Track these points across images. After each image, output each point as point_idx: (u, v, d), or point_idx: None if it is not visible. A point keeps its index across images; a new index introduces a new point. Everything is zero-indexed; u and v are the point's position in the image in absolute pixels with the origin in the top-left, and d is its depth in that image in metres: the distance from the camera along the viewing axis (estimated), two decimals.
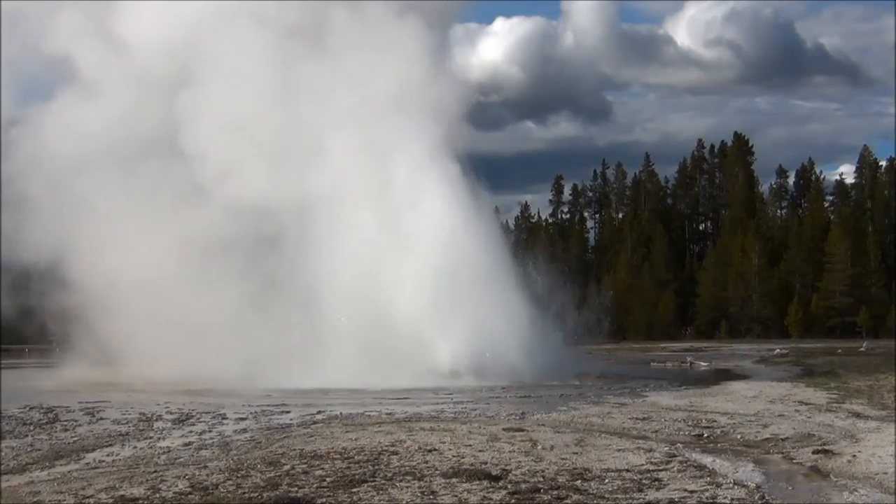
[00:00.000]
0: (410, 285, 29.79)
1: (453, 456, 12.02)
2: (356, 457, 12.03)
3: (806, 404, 18.49)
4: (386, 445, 12.93)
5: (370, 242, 30.47)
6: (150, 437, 15.29)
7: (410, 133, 31.22)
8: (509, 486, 10.02)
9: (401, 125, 31.13)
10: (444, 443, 13.13)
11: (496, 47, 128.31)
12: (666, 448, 12.84)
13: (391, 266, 30.23)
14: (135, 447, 14.19)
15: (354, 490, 9.92)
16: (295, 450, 12.83)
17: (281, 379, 25.09)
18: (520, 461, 11.59)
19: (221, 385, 24.81)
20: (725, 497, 9.59)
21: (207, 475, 10.94)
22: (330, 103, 31.25)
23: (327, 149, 31.11)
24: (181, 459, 12.64)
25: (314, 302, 29.88)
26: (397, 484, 10.25)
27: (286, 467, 11.35)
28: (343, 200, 30.96)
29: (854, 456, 11.89)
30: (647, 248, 74.87)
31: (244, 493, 9.91)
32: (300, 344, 28.55)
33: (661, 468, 11.13)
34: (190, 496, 9.85)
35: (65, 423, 17.53)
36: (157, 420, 17.76)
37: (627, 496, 9.64)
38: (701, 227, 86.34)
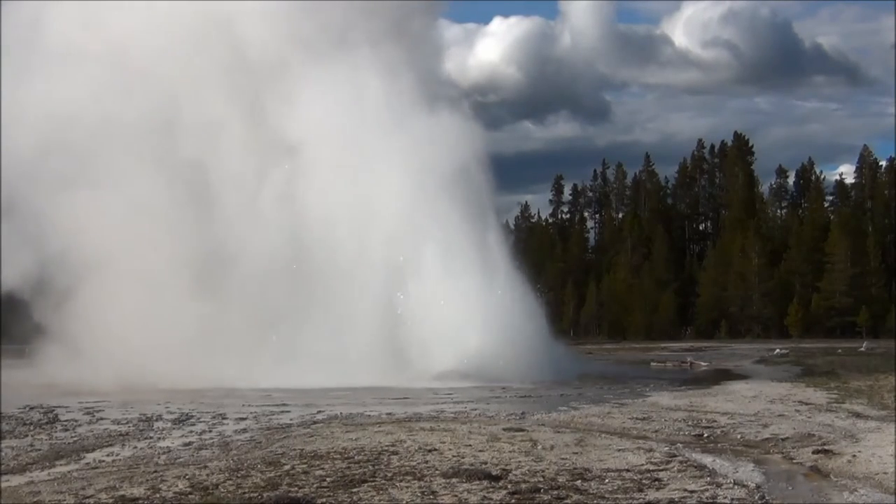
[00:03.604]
0: (410, 285, 29.82)
1: (453, 456, 12.02)
2: (356, 457, 12.03)
3: (806, 404, 18.49)
4: (386, 445, 12.93)
5: (370, 243, 30.48)
6: (150, 437, 15.28)
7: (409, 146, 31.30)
8: (509, 486, 10.03)
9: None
10: (444, 443, 13.13)
11: (494, 47, 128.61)
12: (666, 448, 12.84)
13: (390, 265, 30.24)
14: (135, 447, 14.19)
15: (354, 490, 9.93)
16: (295, 450, 12.83)
17: (282, 379, 25.06)
18: (520, 461, 11.59)
19: (228, 386, 24.66)
20: (725, 497, 9.59)
21: (207, 475, 10.94)
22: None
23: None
24: (181, 459, 12.64)
25: (314, 302, 29.86)
26: (397, 484, 10.26)
27: (286, 467, 11.35)
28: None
29: (854, 456, 11.89)
30: (647, 248, 74.86)
31: (244, 493, 9.92)
32: (302, 343, 28.50)
33: (661, 468, 11.13)
34: (190, 496, 9.85)
35: (65, 423, 17.52)
36: (157, 420, 17.75)
37: (627, 496, 9.64)
38: (701, 227, 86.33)
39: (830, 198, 78.86)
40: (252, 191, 31.72)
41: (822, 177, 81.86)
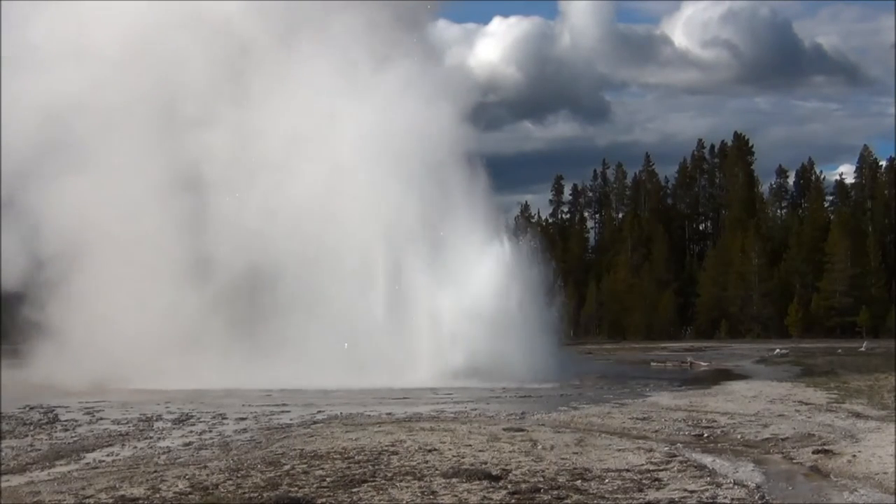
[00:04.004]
0: (412, 285, 29.77)
1: (453, 456, 12.03)
2: (356, 457, 12.04)
3: (806, 404, 18.50)
4: (386, 445, 12.95)
5: (368, 244, 30.39)
6: (150, 437, 15.29)
7: (419, 127, 31.03)
8: (509, 486, 10.03)
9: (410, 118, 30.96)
10: (444, 443, 13.14)
11: (494, 47, 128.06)
12: (666, 448, 12.85)
13: (391, 265, 30.17)
14: (135, 447, 14.19)
15: (354, 490, 9.94)
16: (295, 450, 12.85)
17: (283, 380, 25.02)
18: (520, 461, 11.60)
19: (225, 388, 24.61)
20: (725, 497, 9.60)
21: (207, 475, 10.95)
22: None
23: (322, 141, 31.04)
24: (181, 459, 12.64)
25: (312, 300, 29.76)
26: (397, 484, 10.27)
27: (286, 467, 11.36)
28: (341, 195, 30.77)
29: (854, 456, 11.90)
30: (647, 248, 74.78)
31: (244, 493, 9.93)
32: (299, 343, 28.44)
33: (661, 468, 11.15)
34: (190, 496, 9.86)
35: (65, 423, 17.53)
36: (157, 420, 17.76)
37: (627, 496, 9.65)
38: (701, 227, 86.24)
39: (830, 198, 78.77)
40: (241, 188, 31.38)
41: (822, 177, 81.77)
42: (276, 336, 28.74)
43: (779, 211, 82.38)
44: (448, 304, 29.01)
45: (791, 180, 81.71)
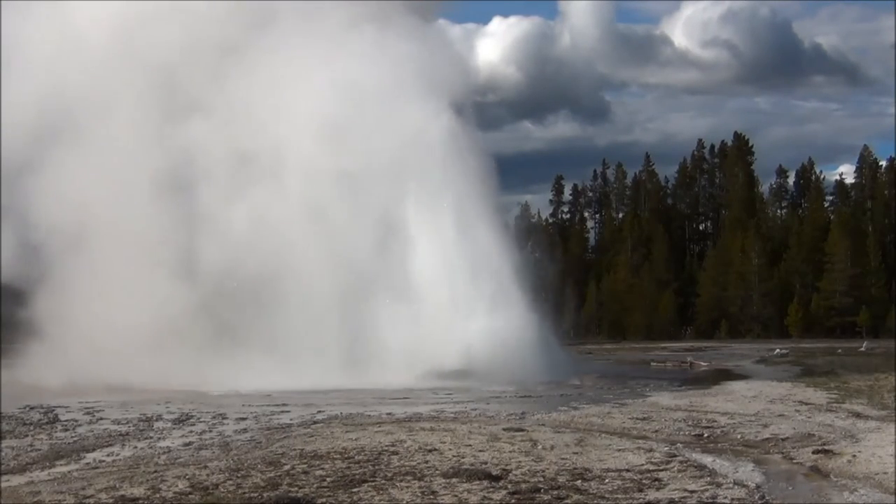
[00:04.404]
0: (412, 285, 29.75)
1: (453, 456, 12.03)
2: (356, 457, 12.05)
3: (806, 404, 18.50)
4: (386, 445, 12.95)
5: (369, 242, 30.36)
6: (150, 437, 15.29)
7: (420, 121, 30.95)
8: (509, 486, 10.04)
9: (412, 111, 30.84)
10: (444, 443, 13.14)
11: (493, 47, 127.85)
12: (666, 448, 12.85)
13: (393, 265, 30.13)
14: (135, 447, 14.20)
15: (354, 490, 9.94)
16: (295, 450, 12.85)
17: (283, 379, 25.00)
18: (520, 461, 11.61)
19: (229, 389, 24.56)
20: (725, 497, 9.61)
21: (207, 475, 10.95)
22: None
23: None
24: (181, 459, 12.64)
25: (312, 298, 29.72)
26: (397, 484, 10.27)
27: (286, 467, 11.37)
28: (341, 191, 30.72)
29: (854, 456, 11.90)
30: (647, 248, 74.79)
31: (244, 493, 9.93)
32: (300, 341, 28.40)
33: (661, 468, 11.15)
34: (190, 496, 9.86)
35: (65, 423, 17.53)
36: (157, 420, 17.76)
37: (627, 496, 9.65)
38: (701, 227, 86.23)
39: (830, 198, 78.78)
40: (232, 187, 31.21)
41: (822, 177, 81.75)
42: (267, 336, 28.70)
43: (779, 211, 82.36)
44: (435, 305, 28.98)
45: (791, 180, 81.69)
